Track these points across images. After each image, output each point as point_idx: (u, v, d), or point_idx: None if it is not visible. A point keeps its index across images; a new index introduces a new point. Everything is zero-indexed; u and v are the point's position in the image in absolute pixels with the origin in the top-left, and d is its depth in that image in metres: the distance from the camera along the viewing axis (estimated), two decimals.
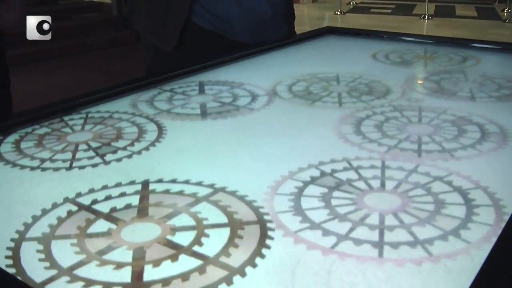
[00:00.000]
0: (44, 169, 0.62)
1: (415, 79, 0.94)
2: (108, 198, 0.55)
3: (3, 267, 0.44)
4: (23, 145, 0.69)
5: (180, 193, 0.56)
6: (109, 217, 0.52)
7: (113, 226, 0.50)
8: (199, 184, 0.57)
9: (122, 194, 0.56)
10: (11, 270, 0.44)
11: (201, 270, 0.44)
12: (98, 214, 0.52)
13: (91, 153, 0.66)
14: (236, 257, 0.45)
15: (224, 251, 0.46)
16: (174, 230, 0.49)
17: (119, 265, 0.45)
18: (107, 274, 0.44)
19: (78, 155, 0.66)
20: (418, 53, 1.11)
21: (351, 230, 0.48)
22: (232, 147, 0.68)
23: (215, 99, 0.85)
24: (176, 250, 0.46)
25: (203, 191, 0.56)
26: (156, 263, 0.45)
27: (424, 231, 0.48)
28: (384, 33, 1.30)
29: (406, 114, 0.76)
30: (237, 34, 1.15)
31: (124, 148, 0.67)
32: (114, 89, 0.87)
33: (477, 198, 0.53)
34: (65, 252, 0.46)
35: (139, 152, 0.66)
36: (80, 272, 0.44)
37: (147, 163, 0.63)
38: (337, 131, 0.71)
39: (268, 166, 0.61)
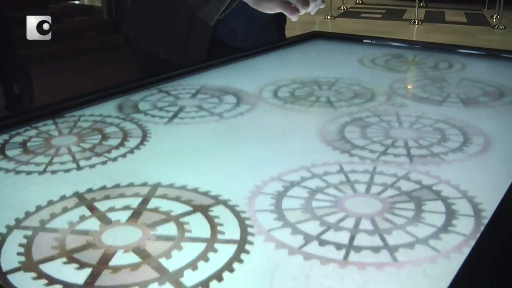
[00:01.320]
0: (18, 172, 0.62)
1: (400, 84, 0.95)
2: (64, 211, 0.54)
3: None
4: (8, 147, 0.69)
5: (162, 196, 0.56)
6: (75, 232, 0.51)
7: (89, 238, 0.50)
8: (173, 186, 0.57)
9: (106, 197, 0.56)
10: None
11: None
12: (60, 231, 0.51)
13: (70, 157, 0.66)
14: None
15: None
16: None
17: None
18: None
19: (56, 159, 0.66)
20: (405, 59, 1.12)
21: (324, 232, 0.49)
22: (215, 150, 0.68)
23: (200, 102, 0.85)
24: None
25: (178, 193, 0.56)
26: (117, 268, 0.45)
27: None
28: (372, 38, 1.30)
29: (387, 119, 0.77)
30: (239, 40, 1.16)
31: (108, 152, 0.67)
32: (104, 92, 0.86)
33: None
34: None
35: (115, 159, 0.66)
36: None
37: (126, 168, 0.63)
38: (322, 136, 0.71)
39: (250, 171, 0.62)
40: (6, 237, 0.50)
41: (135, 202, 0.55)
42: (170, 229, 0.50)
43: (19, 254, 0.48)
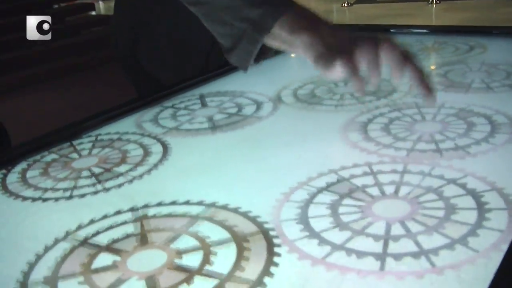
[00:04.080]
0: (45, 200, 0.62)
1: None
2: (109, 228, 0.54)
3: None
4: (29, 174, 0.69)
5: (184, 215, 0.55)
6: (111, 248, 0.51)
7: (117, 258, 0.49)
8: (196, 203, 0.57)
9: (123, 223, 0.55)
10: None
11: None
12: (100, 247, 0.51)
13: (93, 179, 0.66)
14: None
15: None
16: (180, 253, 0.48)
17: None
18: None
19: (80, 182, 0.65)
20: (424, 45, 1.09)
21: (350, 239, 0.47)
22: (237, 162, 0.67)
23: (220, 110, 0.84)
24: (189, 272, 0.46)
25: (205, 211, 0.55)
26: None
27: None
28: (390, 26, 1.28)
29: (409, 112, 0.75)
30: None
31: (128, 172, 0.67)
32: (118, 110, 0.86)
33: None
34: None
35: (140, 176, 0.65)
36: None
37: (150, 187, 0.63)
38: (345, 137, 0.69)
39: (276, 179, 0.60)
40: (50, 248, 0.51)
41: (152, 224, 0.54)
42: (195, 259, 0.48)
43: (49, 268, 0.49)
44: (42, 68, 3.90)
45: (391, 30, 1.24)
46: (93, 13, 5.11)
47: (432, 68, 0.97)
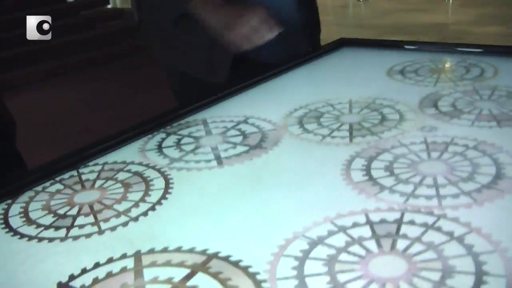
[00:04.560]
0: (41, 240, 0.63)
1: (429, 102, 0.91)
2: (101, 280, 0.54)
3: None
4: (31, 207, 0.70)
5: (180, 264, 0.55)
6: None
7: None
8: (193, 251, 0.56)
9: (115, 273, 0.55)
10: None
11: None
12: None
13: (92, 218, 0.66)
14: None
15: None
16: None
17: None
18: None
19: (78, 220, 0.66)
20: (434, 66, 1.07)
21: None
22: (238, 203, 0.66)
23: (224, 139, 0.83)
24: None
25: (199, 260, 0.55)
26: None
27: None
28: (401, 42, 1.27)
29: (415, 149, 0.74)
30: (264, 55, 1.13)
31: (127, 212, 0.67)
32: (123, 135, 0.86)
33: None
34: None
35: (136, 219, 0.65)
36: None
37: (147, 229, 0.63)
38: (347, 176, 0.69)
39: (274, 227, 0.60)
40: None
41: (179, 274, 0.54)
42: None
43: None
44: (54, 63, 3.92)
45: (399, 46, 1.23)
46: (109, 6, 5.12)
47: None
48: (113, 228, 0.63)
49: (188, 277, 0.53)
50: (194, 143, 0.83)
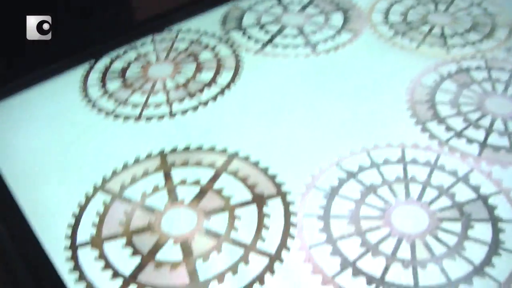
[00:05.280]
0: (117, 116, 0.68)
1: None
2: (144, 175, 0.59)
3: None
4: (109, 76, 0.74)
5: (211, 165, 0.59)
6: (144, 207, 0.56)
7: (152, 217, 0.55)
8: (254, 165, 0.59)
9: (184, 164, 0.60)
10: None
11: None
12: (132, 204, 0.56)
13: (163, 97, 0.70)
14: None
15: None
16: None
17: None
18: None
19: (155, 98, 0.70)
20: None
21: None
22: (297, 107, 0.67)
23: (305, 21, 0.82)
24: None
25: (252, 177, 0.58)
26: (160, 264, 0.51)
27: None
28: None
29: (495, 76, 0.70)
30: None
31: (201, 90, 0.70)
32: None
33: None
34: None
35: (195, 108, 0.68)
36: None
37: (204, 122, 0.66)
38: (411, 93, 0.67)
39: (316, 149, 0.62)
40: (90, 200, 0.57)
41: (206, 175, 0.59)
42: (221, 222, 0.54)
43: (93, 225, 0.54)
44: None
45: None
46: None
47: None
48: (184, 111, 0.68)
49: (244, 204, 0.56)
50: (275, 22, 0.83)
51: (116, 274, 0.50)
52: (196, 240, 0.52)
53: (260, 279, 0.49)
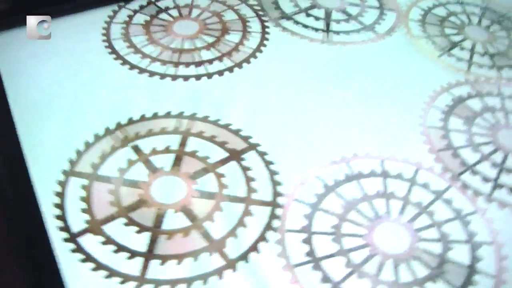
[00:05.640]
0: (142, 71, 0.67)
1: None
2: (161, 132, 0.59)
3: None
4: (131, 29, 0.72)
5: (221, 144, 0.59)
6: (147, 162, 0.56)
7: (140, 191, 0.53)
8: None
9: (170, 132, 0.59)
10: None
11: None
12: (113, 181, 0.54)
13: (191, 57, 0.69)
14: None
15: None
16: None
17: None
18: None
19: (175, 57, 0.69)
20: None
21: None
22: (309, 97, 0.66)
23: (342, 4, 0.80)
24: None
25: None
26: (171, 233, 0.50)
27: None
28: None
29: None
30: None
31: (229, 54, 0.70)
32: None
33: None
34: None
35: (221, 73, 0.68)
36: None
37: (217, 91, 0.65)
38: (423, 114, 0.65)
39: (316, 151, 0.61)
40: (65, 187, 0.53)
41: (173, 141, 0.58)
42: (209, 183, 0.55)
43: (83, 211, 0.51)
44: None
45: None
46: None
47: None
48: (209, 76, 0.67)
49: (223, 161, 0.57)
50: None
51: (133, 254, 0.49)
52: (194, 204, 0.53)
53: (269, 226, 0.51)
